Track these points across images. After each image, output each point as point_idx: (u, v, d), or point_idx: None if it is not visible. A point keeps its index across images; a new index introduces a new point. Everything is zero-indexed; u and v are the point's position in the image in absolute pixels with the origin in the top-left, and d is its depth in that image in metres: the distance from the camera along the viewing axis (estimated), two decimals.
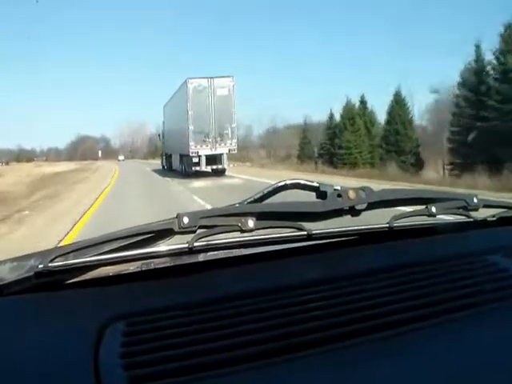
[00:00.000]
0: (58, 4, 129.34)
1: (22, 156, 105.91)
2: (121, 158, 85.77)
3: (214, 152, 19.09)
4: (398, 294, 0.79)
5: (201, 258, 0.99)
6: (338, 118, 37.71)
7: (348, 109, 36.75)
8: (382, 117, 36.56)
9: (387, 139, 33.36)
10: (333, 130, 37.69)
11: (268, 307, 0.74)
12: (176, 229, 0.82)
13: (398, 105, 33.64)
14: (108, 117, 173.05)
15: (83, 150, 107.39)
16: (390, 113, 33.83)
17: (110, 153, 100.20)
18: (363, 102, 38.19)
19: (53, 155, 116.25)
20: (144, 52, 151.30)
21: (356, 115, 36.20)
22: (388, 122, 34.12)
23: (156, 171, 27.86)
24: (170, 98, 25.30)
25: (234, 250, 1.01)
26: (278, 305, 0.75)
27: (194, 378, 0.59)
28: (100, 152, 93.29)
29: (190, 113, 18.74)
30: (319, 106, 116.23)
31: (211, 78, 19.06)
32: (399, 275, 0.87)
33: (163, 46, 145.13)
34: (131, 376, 0.59)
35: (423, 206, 1.02)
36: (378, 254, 1.00)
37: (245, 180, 17.36)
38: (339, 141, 35.87)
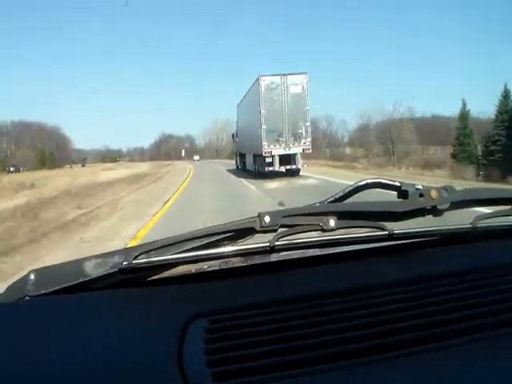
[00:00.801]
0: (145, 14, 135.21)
1: (108, 156, 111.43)
2: (196, 158, 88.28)
3: (287, 152, 18.77)
4: (485, 296, 0.77)
5: (281, 257, 1.01)
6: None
7: None
8: None
9: None
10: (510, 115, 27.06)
11: (350, 307, 0.75)
12: (257, 228, 0.84)
13: None
14: (194, 115, 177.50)
15: (166, 149, 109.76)
16: None
17: (194, 152, 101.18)
18: None
19: (137, 155, 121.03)
20: (231, 48, 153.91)
21: None
22: None
23: (232, 172, 27.65)
24: (243, 97, 25.32)
25: (314, 250, 1.01)
26: (359, 305, 0.76)
27: (276, 376, 0.61)
28: (183, 151, 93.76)
29: (262, 112, 18.55)
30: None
31: (284, 75, 18.75)
32: (486, 277, 0.85)
33: (249, 41, 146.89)
34: (215, 373, 0.61)
35: (509, 207, 1.00)
36: (463, 255, 0.99)
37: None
38: None
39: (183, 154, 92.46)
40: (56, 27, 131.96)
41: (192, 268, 0.95)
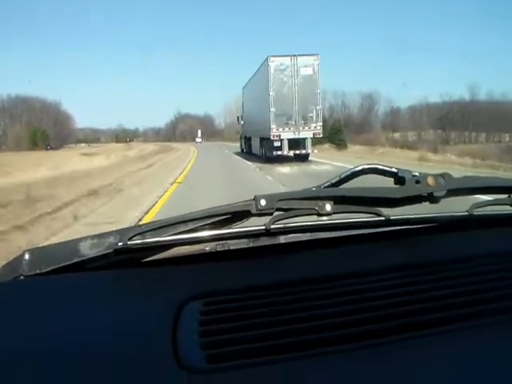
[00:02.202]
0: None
1: (122, 136, 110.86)
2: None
3: (297, 136, 18.58)
4: (479, 284, 0.79)
5: (276, 240, 1.04)
6: None
7: None
8: None
9: None
10: None
11: (345, 292, 0.78)
12: (253, 211, 0.85)
13: None
14: (215, 92, 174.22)
15: (182, 129, 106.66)
16: None
17: (213, 133, 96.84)
18: None
19: (151, 135, 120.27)
20: (257, 23, 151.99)
21: None
22: None
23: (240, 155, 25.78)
24: (249, 79, 25.05)
25: (310, 234, 1.04)
26: (354, 290, 0.78)
27: (271, 359, 0.62)
28: (199, 132, 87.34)
29: (271, 94, 18.38)
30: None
31: (294, 55, 18.52)
32: (481, 265, 0.87)
33: (274, 17, 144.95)
34: (209, 355, 0.63)
35: (506, 195, 1.02)
36: (458, 243, 1.01)
37: None
38: None
39: (199, 134, 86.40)
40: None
41: (187, 250, 0.97)
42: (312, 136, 18.71)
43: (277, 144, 18.62)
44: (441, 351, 0.63)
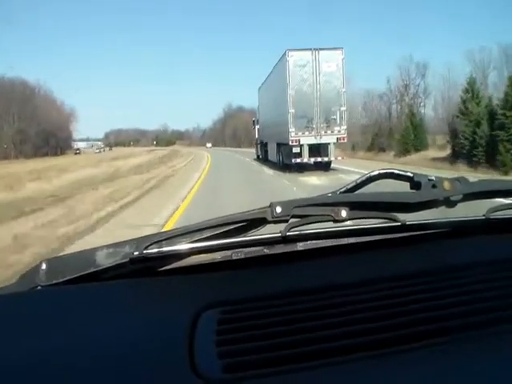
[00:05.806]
0: None
1: (161, 138, 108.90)
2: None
3: (318, 141, 17.63)
4: (498, 289, 0.83)
5: (292, 247, 1.08)
6: None
7: None
8: None
9: None
10: None
11: (362, 299, 0.80)
12: (269, 218, 0.88)
13: None
14: None
15: (235, 126, 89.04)
16: None
17: None
18: None
19: (195, 137, 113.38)
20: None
21: None
22: None
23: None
24: (266, 78, 24.26)
25: (326, 240, 1.08)
26: (371, 297, 0.81)
27: (288, 368, 0.65)
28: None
29: (289, 93, 17.54)
30: None
31: (316, 49, 17.61)
32: (498, 270, 0.91)
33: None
34: (226, 364, 0.65)
35: None
36: (475, 247, 1.05)
37: None
38: None
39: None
40: None
41: (203, 258, 1.00)
42: (336, 141, 17.70)
43: (296, 150, 17.72)
44: (460, 358, 0.65)
